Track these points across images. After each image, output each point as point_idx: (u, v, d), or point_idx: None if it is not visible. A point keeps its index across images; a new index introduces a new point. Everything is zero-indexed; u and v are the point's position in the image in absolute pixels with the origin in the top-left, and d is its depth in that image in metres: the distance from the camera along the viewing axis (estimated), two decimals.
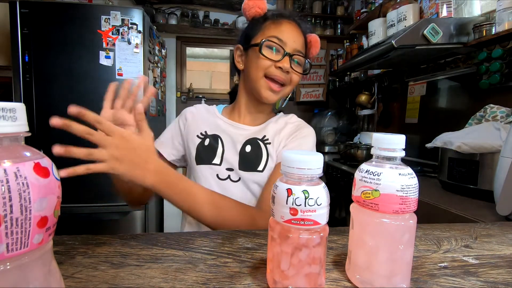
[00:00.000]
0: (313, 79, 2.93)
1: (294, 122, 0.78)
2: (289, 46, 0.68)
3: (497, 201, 0.80)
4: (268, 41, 0.68)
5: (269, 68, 0.68)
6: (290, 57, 0.68)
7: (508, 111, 1.16)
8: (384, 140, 0.32)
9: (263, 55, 0.67)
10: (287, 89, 0.72)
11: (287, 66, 0.67)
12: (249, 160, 0.72)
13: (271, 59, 0.68)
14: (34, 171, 0.19)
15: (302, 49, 0.71)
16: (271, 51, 0.68)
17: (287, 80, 0.70)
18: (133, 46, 1.79)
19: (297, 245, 0.30)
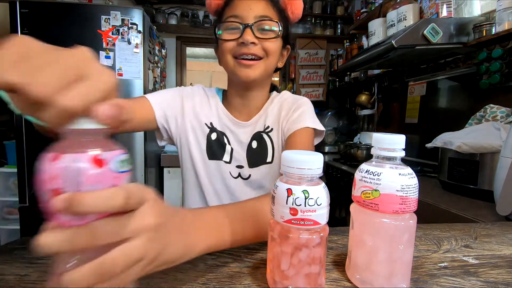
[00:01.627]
0: (313, 79, 2.93)
1: (287, 98, 0.73)
2: (246, 17, 0.62)
3: (497, 201, 0.80)
4: (223, 23, 0.63)
5: (234, 48, 0.63)
6: (250, 27, 0.61)
7: (508, 111, 1.16)
8: (384, 140, 0.32)
9: (223, 40, 0.63)
10: (268, 60, 0.65)
11: (248, 38, 0.61)
12: (257, 155, 0.70)
13: (232, 39, 0.63)
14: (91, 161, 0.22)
15: (266, 12, 0.63)
16: (230, 32, 0.63)
17: (258, 51, 0.63)
18: (133, 46, 1.79)
19: (297, 245, 0.30)
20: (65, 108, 0.20)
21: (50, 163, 0.21)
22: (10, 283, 0.33)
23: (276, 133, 0.70)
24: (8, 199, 2.00)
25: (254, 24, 0.62)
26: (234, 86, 0.71)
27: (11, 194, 2.00)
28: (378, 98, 2.37)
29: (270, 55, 0.64)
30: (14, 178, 1.95)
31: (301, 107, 0.69)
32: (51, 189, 0.21)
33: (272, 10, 0.64)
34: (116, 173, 0.23)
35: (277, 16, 0.65)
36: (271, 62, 0.66)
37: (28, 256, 0.39)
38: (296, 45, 2.86)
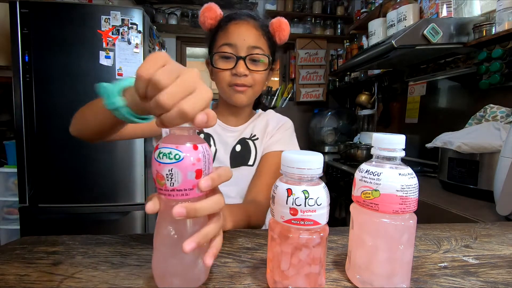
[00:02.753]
0: (313, 79, 2.93)
1: (273, 117, 0.82)
2: (240, 47, 0.67)
3: (497, 201, 0.80)
4: (218, 52, 0.69)
5: (228, 78, 0.69)
6: (243, 59, 0.67)
7: (508, 111, 1.16)
8: (384, 140, 0.32)
9: (218, 68, 0.69)
10: (255, 88, 0.72)
11: (241, 71, 0.67)
12: (240, 157, 0.76)
13: (226, 69, 0.68)
14: (209, 148, 0.32)
15: (258, 43, 0.69)
16: (224, 61, 0.69)
17: (249, 82, 0.69)
18: (133, 46, 1.79)
19: (297, 245, 0.30)
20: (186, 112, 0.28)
21: (193, 151, 0.29)
22: (10, 283, 0.33)
23: (260, 142, 0.78)
24: (8, 199, 2.00)
25: (247, 57, 0.68)
26: (226, 105, 0.77)
27: (11, 194, 2.00)
28: (378, 98, 2.37)
29: (258, 84, 0.71)
30: (14, 178, 1.95)
31: (284, 129, 0.80)
32: (195, 170, 0.29)
33: (262, 39, 0.70)
34: None
35: (267, 43, 0.71)
36: (259, 89, 0.74)
37: (28, 256, 0.39)
38: (296, 45, 2.86)
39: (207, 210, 0.30)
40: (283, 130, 0.80)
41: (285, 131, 0.80)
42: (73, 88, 1.74)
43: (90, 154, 1.78)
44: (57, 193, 1.78)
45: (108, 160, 1.80)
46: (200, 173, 0.30)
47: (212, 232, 0.31)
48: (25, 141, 1.72)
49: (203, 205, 0.30)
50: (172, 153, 0.29)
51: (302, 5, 2.86)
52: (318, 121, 2.72)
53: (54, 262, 0.38)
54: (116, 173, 1.81)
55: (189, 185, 0.29)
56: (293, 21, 2.85)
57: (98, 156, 1.79)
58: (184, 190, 0.29)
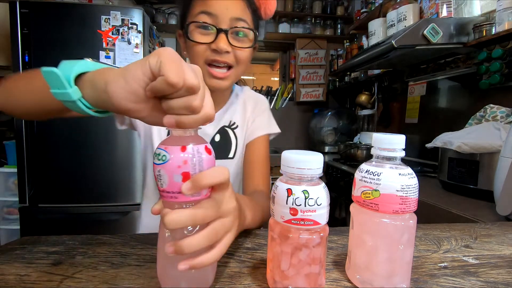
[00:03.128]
0: (313, 79, 2.93)
1: (250, 97, 0.76)
2: (222, 18, 0.57)
3: (497, 201, 0.80)
4: (195, 22, 0.57)
5: (205, 53, 0.58)
6: (225, 33, 0.57)
7: (508, 111, 1.16)
8: (384, 140, 0.32)
9: (194, 41, 0.58)
10: (238, 70, 0.62)
11: (223, 47, 0.57)
12: (219, 149, 0.70)
13: (204, 42, 0.58)
14: (205, 150, 0.30)
15: (243, 15, 0.59)
16: (201, 32, 0.58)
17: (230, 60, 0.59)
18: (133, 46, 1.79)
19: (297, 245, 0.30)
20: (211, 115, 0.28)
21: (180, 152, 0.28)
22: (10, 283, 0.33)
23: (240, 130, 0.72)
24: (8, 199, 1.99)
25: (230, 30, 0.58)
26: None
27: (11, 194, 2.00)
28: (378, 98, 2.37)
29: (242, 64, 0.62)
30: (14, 178, 1.95)
31: (262, 111, 0.75)
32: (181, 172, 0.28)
33: (247, 11, 0.60)
34: (215, 158, 0.31)
35: (251, 16, 0.61)
36: (241, 70, 0.64)
37: (28, 256, 0.39)
38: (296, 45, 2.86)
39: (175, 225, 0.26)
40: (261, 112, 0.75)
41: (262, 112, 0.76)
42: None
43: (90, 154, 1.78)
44: (57, 193, 1.78)
45: (108, 160, 1.80)
46: (188, 176, 0.28)
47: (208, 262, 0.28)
48: (25, 141, 1.72)
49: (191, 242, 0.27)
50: (160, 154, 0.28)
51: (302, 5, 2.86)
52: (318, 121, 2.72)
53: (54, 262, 0.38)
54: (116, 173, 1.81)
55: (176, 188, 0.28)
56: (293, 21, 2.85)
57: (98, 156, 1.79)
58: (172, 193, 0.28)
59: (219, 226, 0.29)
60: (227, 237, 0.31)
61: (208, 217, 0.29)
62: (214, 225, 0.29)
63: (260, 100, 0.78)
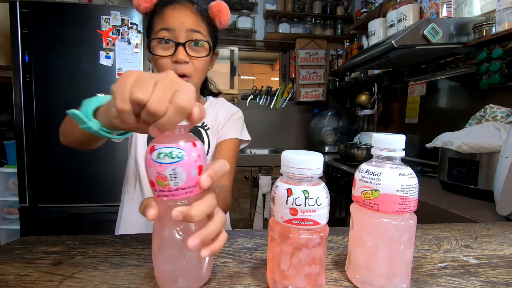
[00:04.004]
0: (313, 79, 2.93)
1: (223, 106, 0.82)
2: (179, 31, 0.63)
3: (497, 201, 0.80)
4: (155, 38, 0.64)
5: (169, 65, 0.65)
6: (183, 45, 0.64)
7: (508, 111, 1.16)
8: (384, 140, 0.32)
9: (156, 55, 0.65)
10: (196, 77, 0.68)
11: (181, 57, 0.63)
12: None
13: (166, 56, 0.64)
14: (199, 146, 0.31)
15: (198, 27, 0.65)
16: (162, 47, 0.65)
17: (189, 70, 0.66)
18: (133, 46, 1.79)
19: (297, 245, 0.30)
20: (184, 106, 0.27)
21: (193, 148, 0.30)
22: (10, 283, 0.33)
23: (211, 131, 0.77)
24: (8, 199, 1.99)
25: (186, 43, 0.64)
26: None
27: (11, 194, 2.00)
28: (378, 98, 2.37)
29: (199, 73, 0.68)
30: (14, 178, 1.95)
31: (235, 119, 0.80)
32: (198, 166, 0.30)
33: (201, 23, 0.66)
34: None
35: (207, 28, 0.67)
36: (200, 77, 0.70)
37: (28, 256, 0.39)
38: (296, 45, 2.86)
39: (202, 215, 0.29)
40: (234, 120, 0.79)
41: (236, 120, 0.79)
42: (73, 88, 1.75)
43: (90, 154, 1.78)
44: (57, 193, 1.78)
45: (108, 160, 1.80)
46: (201, 169, 0.30)
47: (215, 229, 0.31)
48: (25, 141, 1.72)
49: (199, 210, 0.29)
50: (173, 152, 0.28)
51: (302, 5, 2.86)
52: (318, 121, 2.72)
53: (54, 262, 0.38)
54: (116, 173, 1.81)
55: (193, 182, 0.29)
56: (293, 21, 2.85)
57: (98, 156, 1.79)
58: (189, 187, 0.29)
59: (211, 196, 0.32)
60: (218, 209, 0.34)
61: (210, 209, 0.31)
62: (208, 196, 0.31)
63: (233, 110, 0.82)
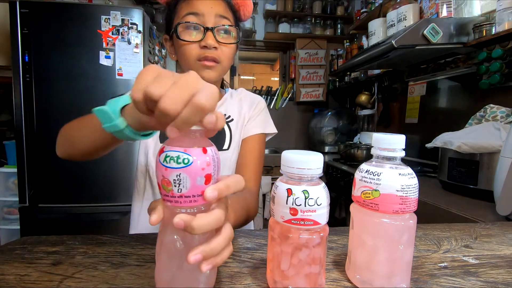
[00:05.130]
0: (313, 79, 2.93)
1: (246, 96, 0.80)
2: (207, 17, 0.62)
3: (497, 201, 0.80)
4: (183, 23, 0.62)
5: (197, 51, 0.63)
6: (212, 30, 0.62)
7: (508, 111, 1.16)
8: (384, 140, 0.32)
9: (183, 41, 0.62)
10: (224, 64, 0.66)
11: (211, 43, 0.61)
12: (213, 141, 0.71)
13: (194, 41, 0.62)
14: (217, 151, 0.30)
15: (226, 13, 0.64)
16: (190, 32, 0.62)
17: (218, 56, 0.64)
18: (133, 46, 1.78)
19: (297, 245, 0.30)
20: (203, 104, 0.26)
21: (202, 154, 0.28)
22: (10, 283, 0.33)
23: (235, 124, 0.74)
24: (8, 199, 1.99)
25: (215, 28, 0.63)
26: None
27: (11, 194, 2.00)
28: (378, 98, 2.37)
29: (227, 60, 0.67)
30: (14, 178, 1.95)
31: (259, 110, 0.77)
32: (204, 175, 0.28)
33: (229, 11, 0.66)
34: None
35: (233, 17, 0.67)
36: (227, 66, 0.68)
37: (28, 256, 0.39)
38: (296, 45, 2.86)
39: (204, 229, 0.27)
40: (258, 111, 0.77)
41: (260, 112, 0.78)
42: (73, 88, 1.74)
43: None
44: (57, 193, 1.78)
45: (108, 160, 1.80)
46: (210, 178, 0.28)
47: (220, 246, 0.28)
48: (25, 141, 1.72)
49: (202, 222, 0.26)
50: (180, 157, 0.27)
51: (302, 5, 2.86)
52: (318, 121, 2.72)
53: (54, 262, 0.38)
54: (116, 173, 1.81)
55: (198, 191, 0.27)
56: (293, 21, 2.85)
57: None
58: (193, 196, 0.27)
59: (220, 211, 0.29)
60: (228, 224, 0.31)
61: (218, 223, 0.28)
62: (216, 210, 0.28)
63: (257, 100, 0.79)
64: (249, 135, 0.74)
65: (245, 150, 0.73)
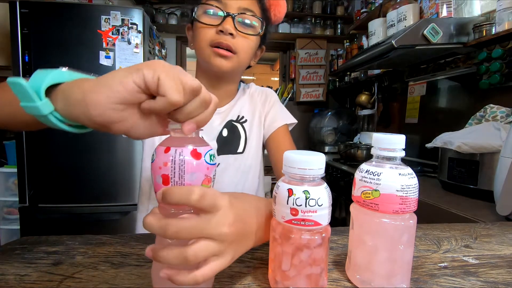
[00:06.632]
0: (313, 79, 2.93)
1: (255, 89, 0.77)
2: (230, 6, 0.59)
3: (497, 201, 0.80)
4: (203, 5, 0.60)
5: (211, 34, 0.59)
6: (232, 18, 0.59)
7: (508, 111, 1.16)
8: (384, 140, 0.32)
9: (201, 23, 0.59)
10: (240, 56, 0.62)
11: (227, 27, 0.58)
12: (228, 144, 0.68)
13: (211, 24, 0.59)
14: (191, 154, 0.28)
15: (252, 8, 0.61)
16: (208, 17, 0.60)
17: (234, 45, 0.60)
18: (133, 46, 1.78)
19: (298, 246, 0.30)
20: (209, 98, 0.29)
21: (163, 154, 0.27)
22: (10, 283, 0.33)
23: (249, 124, 0.71)
24: (8, 199, 1.99)
25: (237, 16, 0.59)
26: (205, 75, 0.67)
27: (11, 194, 2.00)
28: (378, 98, 2.37)
29: (244, 52, 0.62)
30: (14, 178, 1.95)
31: (272, 103, 0.74)
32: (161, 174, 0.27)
33: (256, 6, 0.63)
34: (209, 164, 0.29)
35: (261, 13, 0.63)
36: (244, 59, 0.63)
37: (28, 256, 0.39)
38: (296, 45, 2.86)
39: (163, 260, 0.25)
40: (272, 104, 0.75)
41: (274, 104, 0.75)
42: None
43: (90, 154, 1.78)
44: (57, 193, 1.78)
45: (108, 160, 1.80)
46: (167, 179, 0.27)
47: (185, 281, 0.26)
48: (25, 141, 1.72)
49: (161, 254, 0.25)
50: (153, 153, 0.29)
51: (302, 5, 2.86)
52: (318, 121, 2.72)
53: (54, 262, 0.38)
54: (116, 173, 1.81)
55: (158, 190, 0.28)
56: (293, 21, 2.85)
57: (98, 156, 1.79)
58: None
59: (199, 248, 0.26)
60: (215, 262, 0.27)
61: (182, 234, 0.25)
62: (194, 246, 0.26)
63: (268, 92, 0.77)
64: (273, 131, 0.71)
65: (275, 146, 0.70)
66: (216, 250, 0.27)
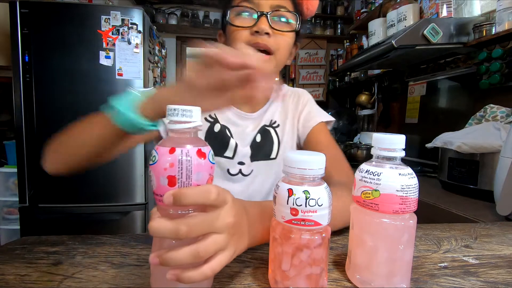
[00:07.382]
0: (313, 79, 2.93)
1: (289, 91, 0.74)
2: (262, 5, 0.58)
3: (497, 201, 0.80)
4: (235, 8, 0.58)
5: (247, 36, 0.58)
6: (266, 16, 0.57)
7: (508, 111, 1.16)
8: (384, 140, 0.32)
9: (235, 26, 0.58)
10: (278, 55, 0.60)
11: (263, 27, 0.56)
12: (261, 150, 0.67)
13: (245, 26, 0.58)
14: (197, 153, 0.28)
15: (284, 4, 0.59)
16: (242, 19, 0.58)
17: (272, 44, 0.58)
18: (133, 46, 1.79)
19: (298, 246, 0.30)
20: None
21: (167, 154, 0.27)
22: (10, 283, 0.33)
23: (282, 129, 0.69)
24: (8, 199, 1.99)
25: (271, 13, 0.57)
26: None
27: (11, 194, 2.00)
28: (378, 98, 2.37)
29: (282, 50, 0.60)
30: (14, 178, 1.95)
31: (307, 102, 0.71)
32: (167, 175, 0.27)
33: (288, 2, 0.61)
34: (212, 163, 0.29)
35: (293, 8, 0.61)
36: (282, 58, 0.62)
37: (28, 256, 0.39)
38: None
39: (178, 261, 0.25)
40: (306, 103, 0.71)
41: (307, 103, 0.71)
42: (73, 88, 1.74)
43: None
44: (57, 193, 1.78)
45: None
46: (174, 180, 0.27)
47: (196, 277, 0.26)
48: (25, 141, 1.72)
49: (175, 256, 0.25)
50: (152, 154, 0.28)
51: None
52: None
53: (54, 262, 0.38)
54: (116, 173, 1.81)
55: (162, 192, 0.27)
56: None
57: None
58: (160, 196, 0.27)
59: (209, 243, 0.27)
60: (222, 255, 0.28)
61: (194, 231, 0.26)
62: (205, 241, 0.27)
63: (300, 92, 0.74)
64: (308, 130, 0.67)
65: (312, 146, 0.67)
66: (223, 243, 0.28)
